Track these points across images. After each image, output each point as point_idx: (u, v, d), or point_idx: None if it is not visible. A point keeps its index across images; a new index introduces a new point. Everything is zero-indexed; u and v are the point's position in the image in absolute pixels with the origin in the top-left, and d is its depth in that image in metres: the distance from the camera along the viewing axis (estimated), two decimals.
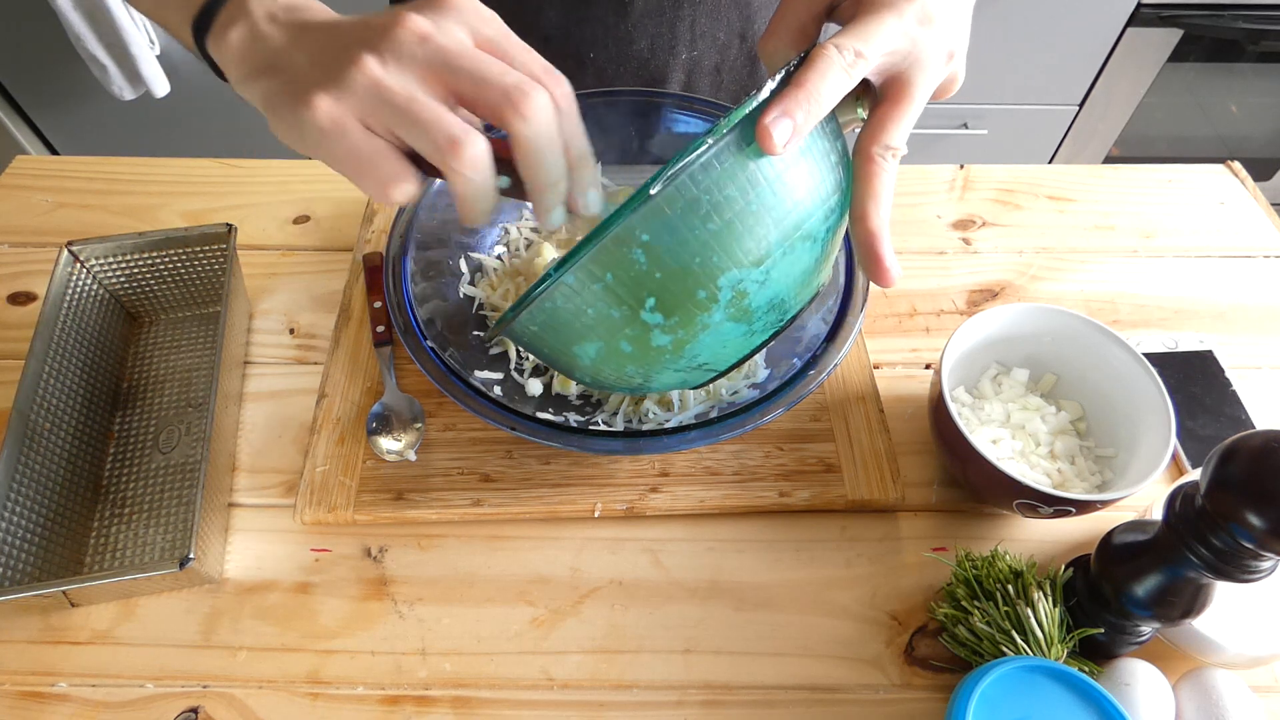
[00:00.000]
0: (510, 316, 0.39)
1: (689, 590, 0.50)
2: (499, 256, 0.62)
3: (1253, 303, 0.64)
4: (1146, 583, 0.41)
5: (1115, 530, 0.44)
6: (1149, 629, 0.44)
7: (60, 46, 1.31)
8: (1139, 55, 1.41)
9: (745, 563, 0.51)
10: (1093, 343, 0.51)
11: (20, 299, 0.63)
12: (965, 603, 0.46)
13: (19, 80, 1.44)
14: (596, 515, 0.52)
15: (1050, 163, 1.61)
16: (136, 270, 0.59)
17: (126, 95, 1.35)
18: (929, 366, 0.60)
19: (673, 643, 0.48)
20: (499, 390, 0.54)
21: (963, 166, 0.74)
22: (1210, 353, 0.60)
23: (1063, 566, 0.47)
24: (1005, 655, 0.42)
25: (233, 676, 0.46)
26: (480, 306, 0.59)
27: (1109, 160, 1.61)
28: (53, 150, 1.56)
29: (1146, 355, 0.50)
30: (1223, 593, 0.42)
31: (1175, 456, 0.55)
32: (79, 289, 0.56)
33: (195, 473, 0.52)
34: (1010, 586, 0.44)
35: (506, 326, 0.40)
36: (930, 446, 0.56)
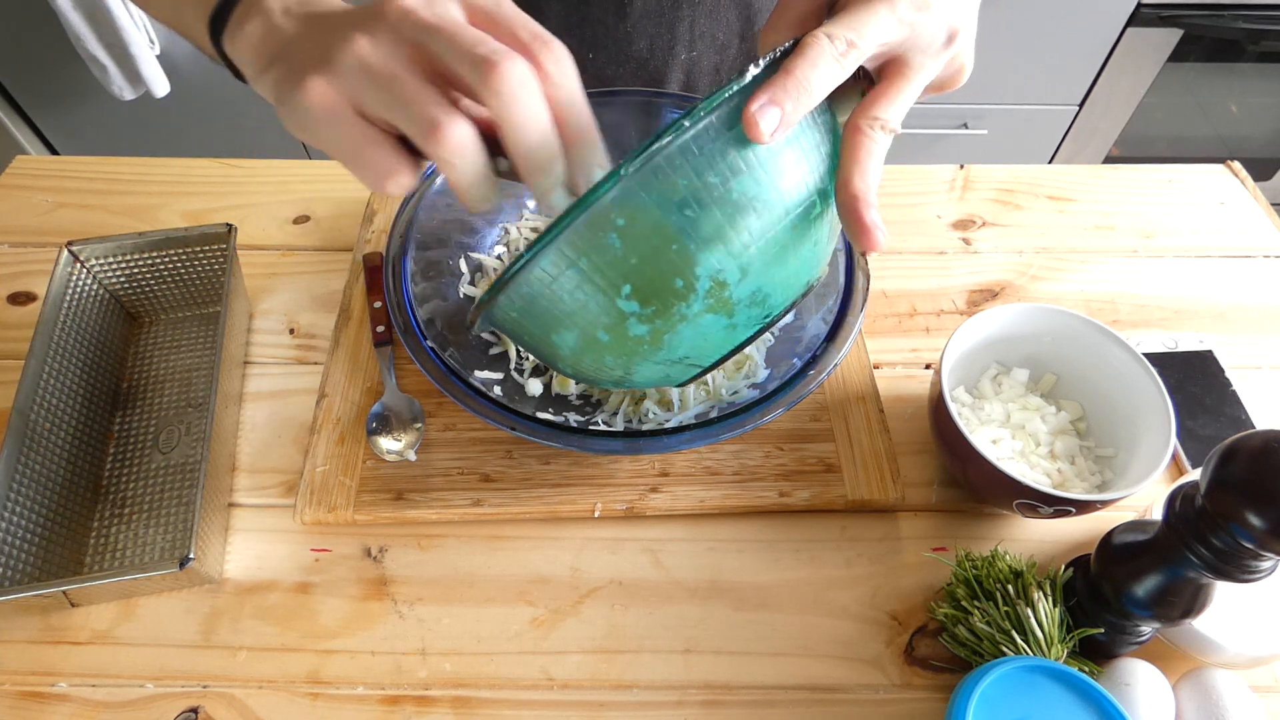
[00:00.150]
0: (487, 298, 0.38)
1: (689, 590, 0.50)
2: (499, 256, 0.62)
3: (1253, 303, 0.64)
4: (1146, 583, 0.41)
5: (1115, 530, 0.44)
6: (1149, 629, 0.44)
7: (60, 46, 1.31)
8: (1139, 55, 1.41)
9: (745, 563, 0.51)
10: (1093, 343, 0.51)
11: (20, 299, 0.63)
12: (965, 603, 0.46)
13: (19, 80, 1.44)
14: (596, 515, 0.52)
15: (1050, 163, 1.61)
16: (136, 270, 0.59)
17: (126, 95, 1.35)
18: (929, 366, 0.60)
19: (673, 643, 0.48)
20: (499, 390, 0.54)
21: (963, 166, 0.74)
22: (1210, 353, 0.60)
23: (1063, 566, 0.47)
24: (1005, 655, 0.42)
25: (233, 676, 0.46)
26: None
27: (1109, 160, 1.61)
28: (53, 150, 1.56)
29: (1146, 355, 0.50)
30: (1223, 593, 0.42)
31: (1175, 456, 0.55)
32: (79, 289, 0.56)
33: (195, 473, 0.52)
34: (1010, 586, 0.44)
35: (485, 309, 0.39)
36: (930, 446, 0.56)
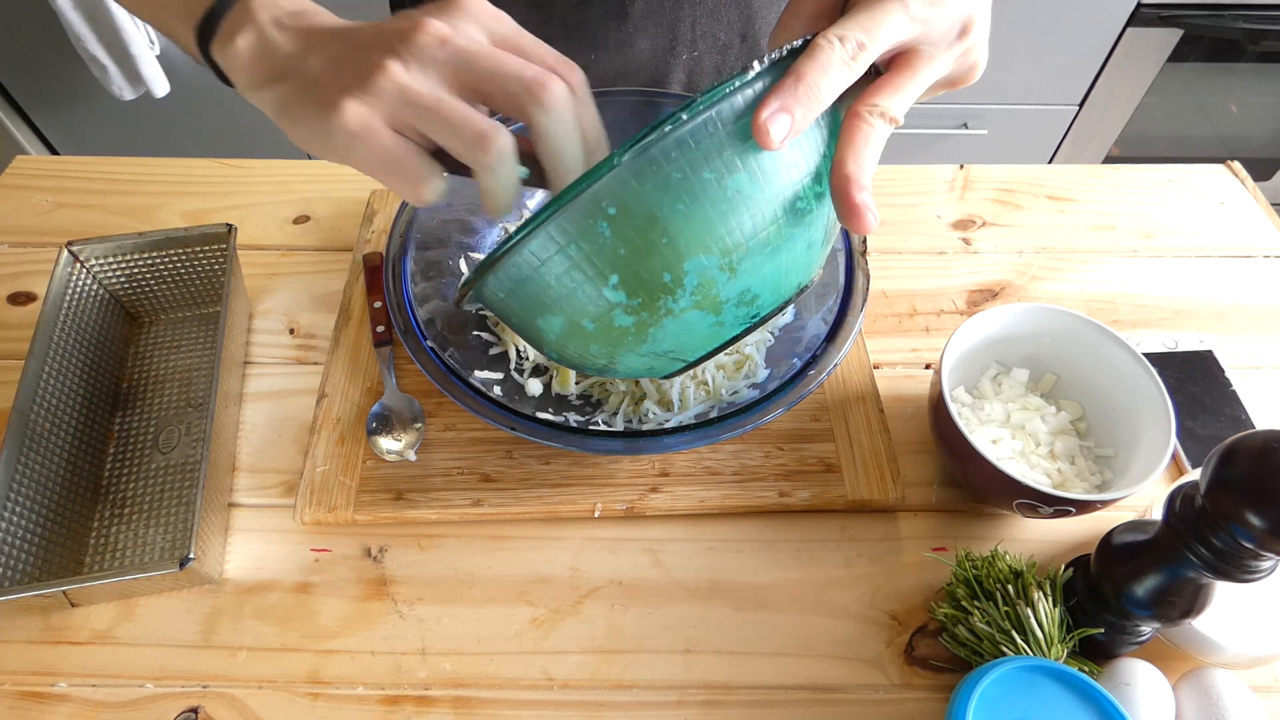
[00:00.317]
0: (474, 277, 0.37)
1: (689, 590, 0.50)
2: None
3: (1253, 303, 0.64)
4: (1146, 583, 0.41)
5: (1115, 530, 0.44)
6: (1149, 629, 0.44)
7: (60, 46, 1.31)
8: (1139, 55, 1.41)
9: (745, 563, 0.51)
10: (1093, 343, 0.51)
11: (20, 299, 0.63)
12: (965, 603, 0.46)
13: (19, 80, 1.44)
14: (596, 515, 0.52)
15: (1050, 163, 1.61)
16: (136, 270, 0.59)
17: (126, 95, 1.35)
18: (929, 366, 0.60)
19: (673, 643, 0.48)
20: (499, 390, 0.54)
21: (963, 166, 0.74)
22: (1210, 353, 0.60)
23: (1063, 566, 0.47)
24: (1005, 655, 0.42)
25: (233, 676, 0.46)
26: (480, 305, 0.59)
27: (1109, 160, 1.61)
28: (53, 150, 1.56)
29: (1146, 355, 0.50)
30: (1223, 593, 0.42)
31: (1175, 456, 0.55)
32: (79, 289, 0.56)
33: (195, 473, 0.52)
34: (1010, 586, 0.44)
35: (473, 288, 0.38)
36: (930, 446, 0.56)
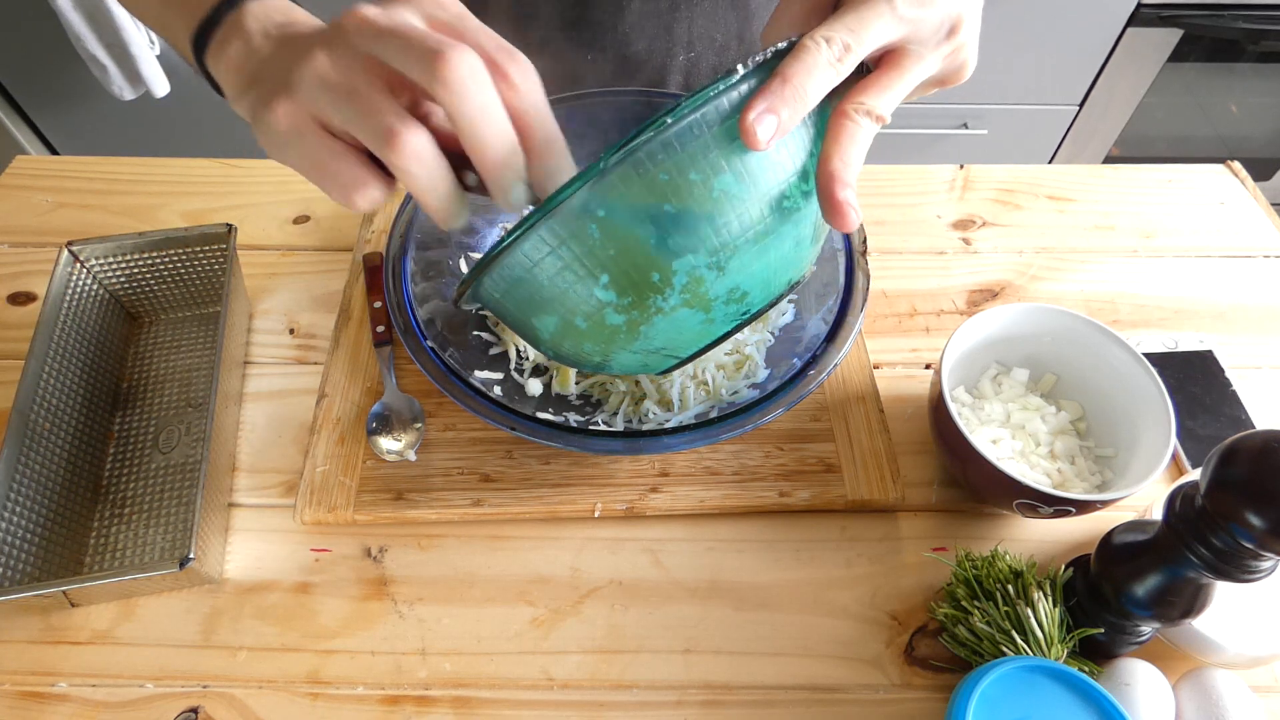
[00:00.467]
0: (470, 278, 0.38)
1: (689, 590, 0.50)
2: None
3: (1253, 303, 0.64)
4: (1146, 583, 0.41)
5: (1115, 530, 0.44)
6: (1149, 629, 0.44)
7: (60, 46, 1.31)
8: (1139, 55, 1.41)
9: (745, 563, 0.51)
10: (1093, 343, 0.51)
11: (20, 299, 0.63)
12: (965, 603, 0.46)
13: (19, 80, 1.44)
14: (596, 515, 0.52)
15: (1050, 163, 1.61)
16: (136, 270, 0.59)
17: (126, 95, 1.35)
18: (929, 366, 0.60)
19: (673, 643, 0.48)
20: (499, 390, 0.54)
21: (963, 166, 0.74)
22: (1210, 353, 0.60)
23: (1063, 566, 0.47)
24: (1005, 655, 0.42)
25: (233, 676, 0.46)
26: (480, 305, 0.59)
27: (1109, 160, 1.61)
28: (53, 150, 1.56)
29: (1146, 355, 0.50)
30: (1223, 593, 0.42)
31: (1175, 456, 0.55)
32: (79, 289, 0.56)
33: (195, 473, 0.52)
34: (1010, 586, 0.44)
35: (470, 288, 0.39)
36: (930, 446, 0.56)
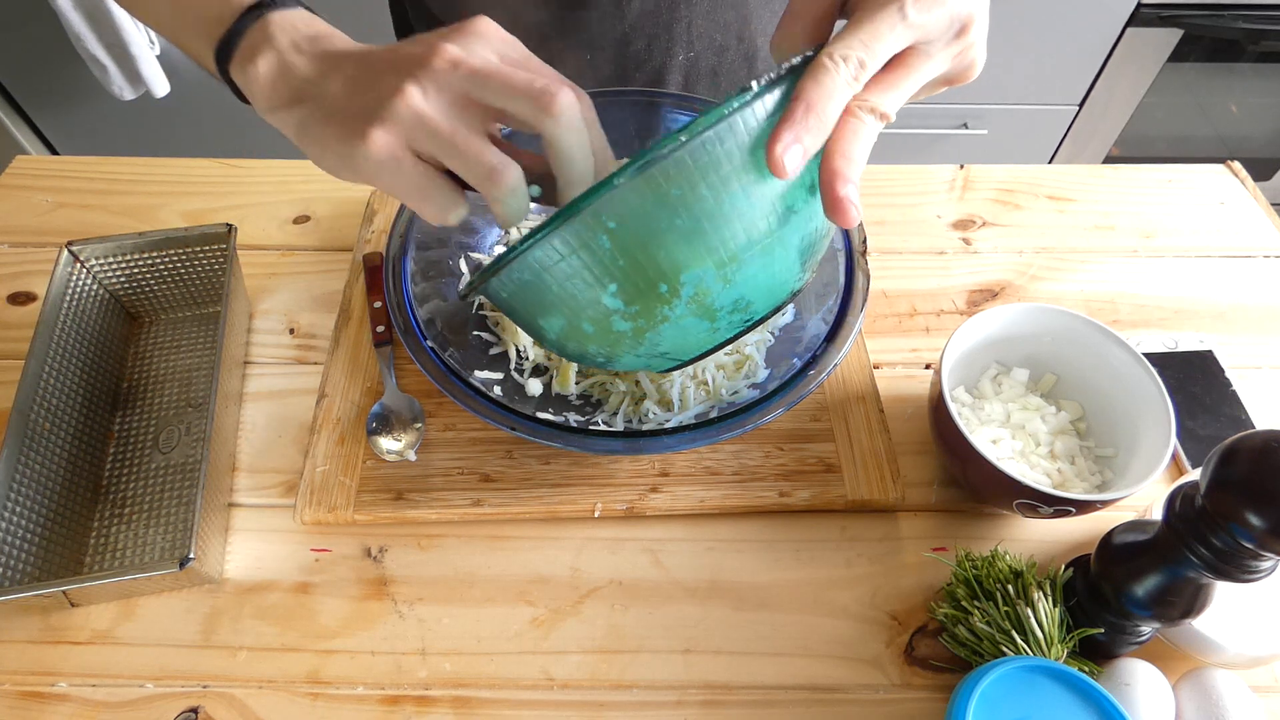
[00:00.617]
0: (477, 281, 0.39)
1: (689, 590, 0.50)
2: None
3: (1253, 303, 0.64)
4: (1146, 583, 0.41)
5: (1115, 530, 0.44)
6: (1149, 629, 0.44)
7: (60, 46, 1.31)
8: (1139, 55, 1.41)
9: (745, 563, 0.51)
10: (1093, 343, 0.51)
11: (20, 299, 0.63)
12: (965, 603, 0.46)
13: (19, 80, 1.44)
14: (596, 515, 0.52)
15: (1050, 163, 1.61)
16: (136, 270, 0.59)
17: (126, 95, 1.35)
18: (929, 366, 0.60)
19: (673, 643, 0.48)
20: (499, 390, 0.54)
21: (963, 166, 0.74)
22: (1210, 353, 0.60)
23: (1063, 566, 0.47)
24: (1005, 655, 0.42)
25: (233, 676, 0.46)
26: (480, 306, 0.59)
27: (1109, 160, 1.61)
28: (53, 150, 1.56)
29: (1146, 355, 0.50)
30: (1223, 593, 0.42)
31: (1175, 456, 0.55)
32: (79, 289, 0.56)
33: (195, 473, 0.52)
34: (1010, 586, 0.44)
35: (479, 287, 0.40)
36: (930, 446, 0.56)
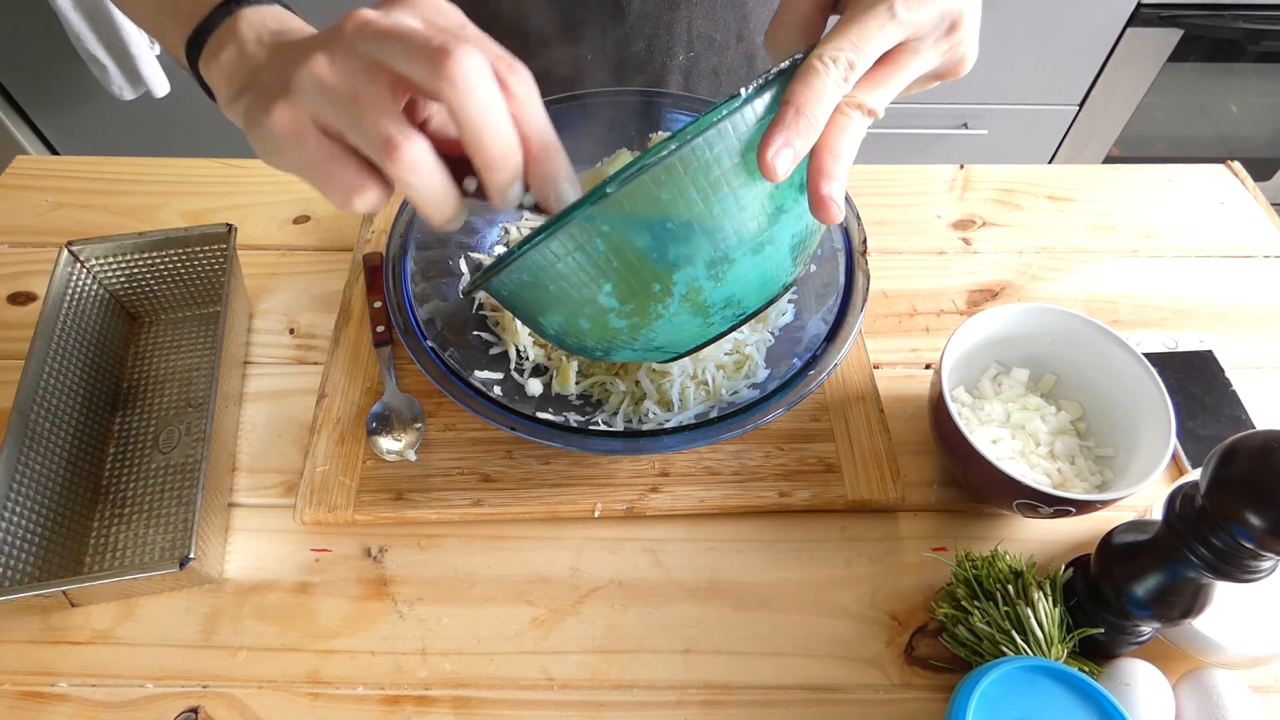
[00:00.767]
0: (480, 280, 0.40)
1: (689, 590, 0.50)
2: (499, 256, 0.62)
3: (1253, 303, 0.64)
4: (1146, 583, 0.41)
5: (1115, 530, 0.44)
6: (1149, 629, 0.44)
7: (60, 46, 1.31)
8: (1139, 55, 1.41)
9: (745, 563, 0.51)
10: (1093, 343, 0.51)
11: (20, 299, 0.63)
12: (965, 603, 0.46)
13: (19, 80, 1.44)
14: (596, 515, 0.52)
15: (1050, 163, 1.61)
16: (136, 270, 0.59)
17: (126, 95, 1.35)
18: (929, 366, 0.60)
19: (673, 643, 0.48)
20: (499, 390, 0.54)
21: (963, 166, 0.74)
22: (1210, 353, 0.60)
23: (1063, 566, 0.47)
24: (1005, 655, 0.42)
25: (233, 676, 0.46)
26: (480, 306, 0.59)
27: (1109, 160, 1.61)
28: (53, 150, 1.56)
29: (1146, 355, 0.50)
30: (1223, 593, 0.42)
31: (1175, 456, 0.55)
32: (79, 289, 0.56)
33: (195, 473, 0.52)
34: (1010, 586, 0.44)
35: (479, 287, 0.41)
36: (930, 446, 0.56)
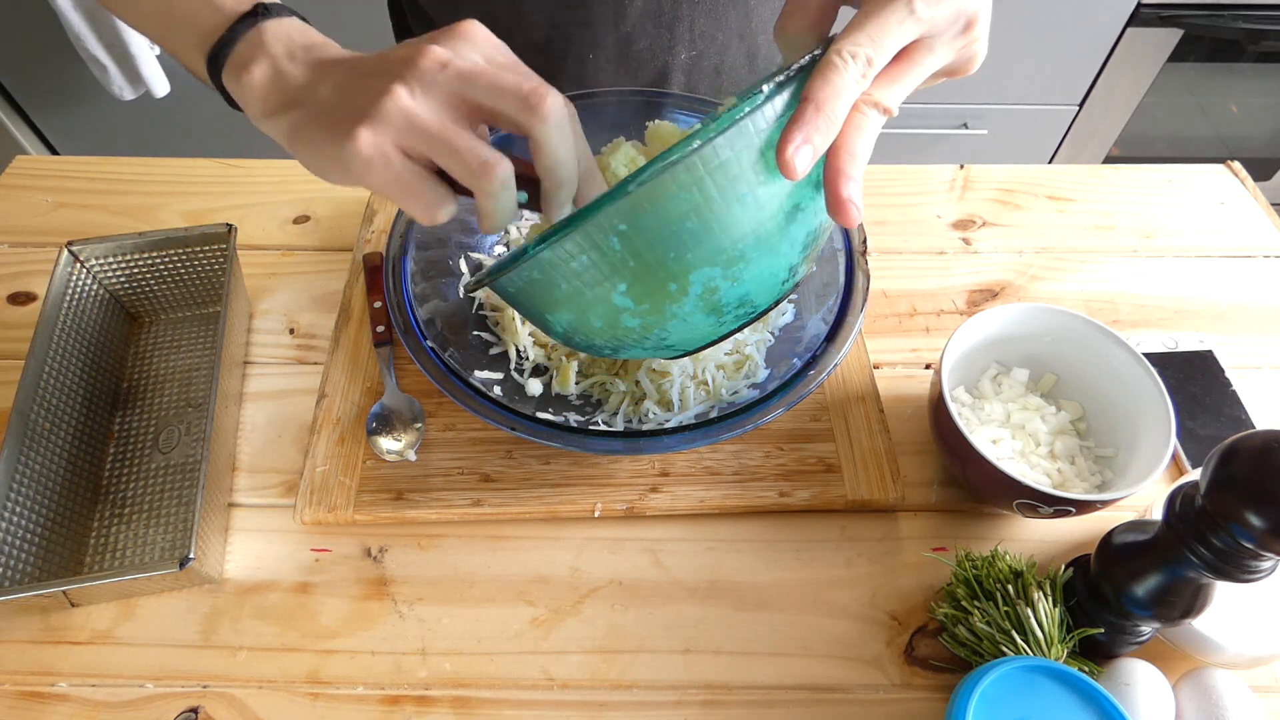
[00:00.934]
0: (488, 279, 0.40)
1: (689, 590, 0.50)
2: (499, 256, 0.62)
3: (1253, 303, 0.64)
4: (1146, 583, 0.41)
5: (1115, 530, 0.44)
6: (1149, 629, 0.44)
7: (60, 46, 1.31)
8: (1139, 55, 1.41)
9: (745, 563, 0.51)
10: (1093, 343, 0.51)
11: (20, 299, 0.63)
12: (965, 603, 0.46)
13: (19, 80, 1.44)
14: (596, 515, 0.52)
15: (1050, 163, 1.61)
16: (136, 270, 0.59)
17: (126, 95, 1.35)
18: (929, 366, 0.60)
19: (673, 643, 0.48)
20: (499, 390, 0.54)
21: (963, 166, 0.74)
22: (1210, 353, 0.60)
23: (1063, 566, 0.47)
24: (1005, 655, 0.42)
25: (233, 676, 0.46)
26: (480, 306, 0.59)
27: (1109, 160, 1.61)
28: (53, 150, 1.56)
29: (1146, 355, 0.50)
30: (1223, 593, 0.42)
31: (1175, 456, 0.55)
32: (79, 289, 0.56)
33: (195, 473, 0.52)
34: (1010, 586, 0.44)
35: (489, 282, 0.40)
36: (930, 446, 0.56)
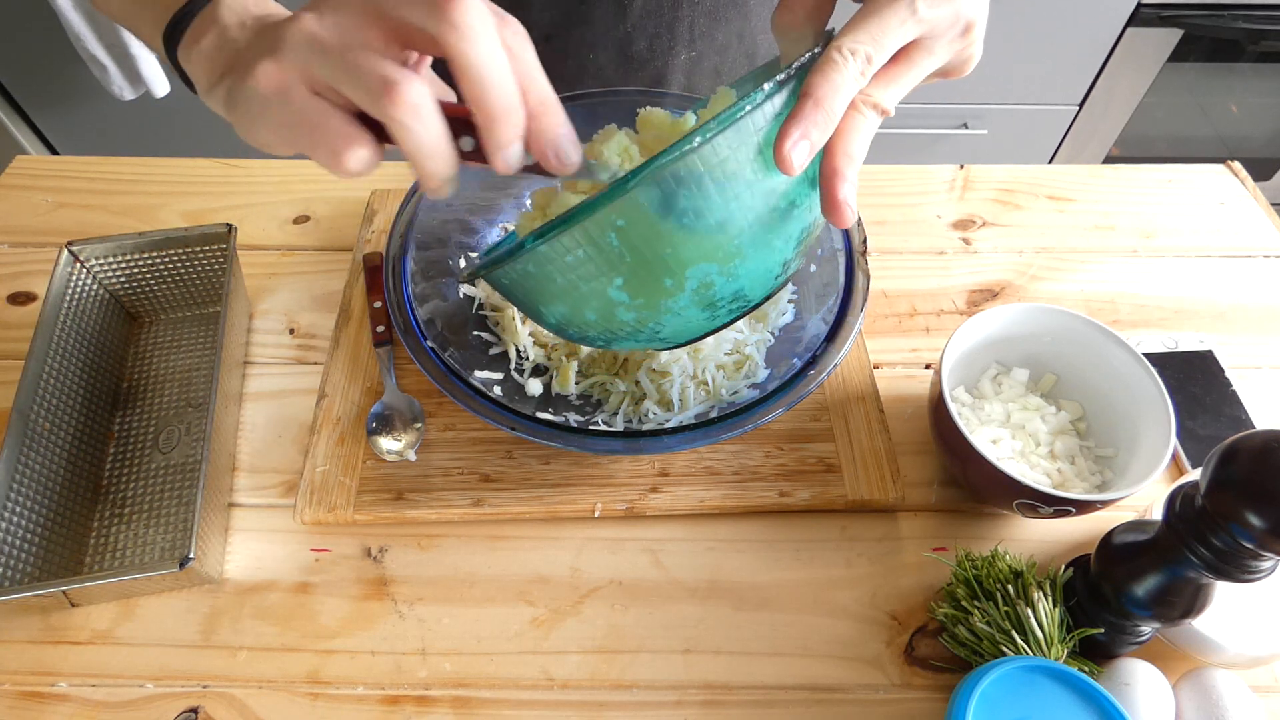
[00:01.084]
0: (482, 270, 0.39)
1: (689, 590, 0.50)
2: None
3: (1253, 303, 0.64)
4: (1146, 583, 0.41)
5: (1115, 530, 0.44)
6: (1149, 629, 0.44)
7: (60, 46, 1.31)
8: (1139, 55, 1.41)
9: (745, 563, 0.51)
10: (1093, 343, 0.51)
11: (20, 299, 0.63)
12: (965, 603, 0.46)
13: (19, 80, 1.44)
14: (596, 515, 0.52)
15: (1050, 163, 1.61)
16: (136, 270, 0.59)
17: (126, 95, 1.35)
18: (929, 366, 0.60)
19: (673, 643, 0.48)
20: (499, 390, 0.54)
21: (963, 166, 0.74)
22: (1210, 353, 0.60)
23: (1063, 566, 0.47)
24: (1005, 655, 0.42)
25: (233, 676, 0.46)
26: (480, 306, 0.59)
27: (1109, 160, 1.61)
28: (53, 150, 1.56)
29: (1146, 355, 0.50)
30: (1223, 593, 0.42)
31: (1175, 456, 0.55)
32: (79, 289, 0.56)
33: (195, 473, 0.52)
34: (1010, 586, 0.44)
35: (483, 274, 0.40)
36: (930, 446, 0.56)
